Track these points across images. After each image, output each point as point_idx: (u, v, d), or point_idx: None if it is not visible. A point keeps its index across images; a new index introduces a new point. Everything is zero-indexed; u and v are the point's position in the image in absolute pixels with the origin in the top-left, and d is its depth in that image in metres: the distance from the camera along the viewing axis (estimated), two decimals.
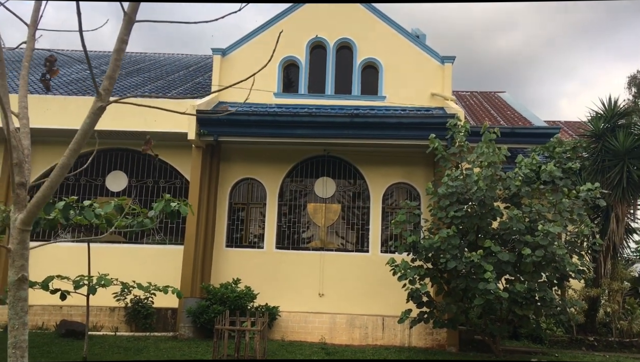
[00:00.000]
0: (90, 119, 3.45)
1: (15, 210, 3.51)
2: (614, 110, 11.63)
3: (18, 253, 3.51)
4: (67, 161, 3.50)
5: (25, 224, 3.48)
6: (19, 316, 3.44)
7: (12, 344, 3.41)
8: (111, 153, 13.21)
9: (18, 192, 3.51)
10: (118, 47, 3.38)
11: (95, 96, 3.43)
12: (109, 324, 11.28)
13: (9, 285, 3.54)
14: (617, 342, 12.07)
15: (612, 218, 11.56)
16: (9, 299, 3.53)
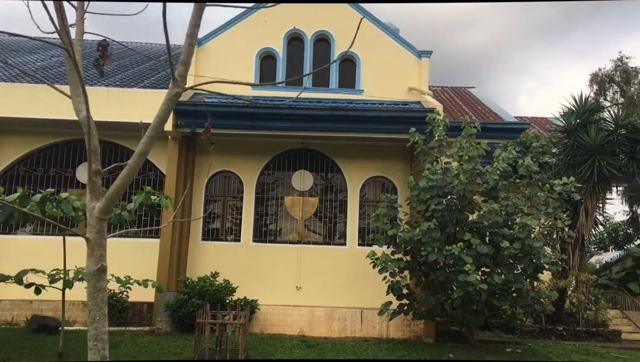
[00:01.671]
0: (166, 105, 3.34)
1: (91, 198, 3.38)
2: (585, 106, 11.97)
3: (97, 242, 3.39)
4: (145, 148, 3.40)
5: (103, 212, 3.37)
6: (99, 307, 3.32)
7: (93, 336, 3.27)
8: (82, 144, 12.80)
9: (94, 180, 3.38)
10: (191, 32, 3.28)
11: (171, 82, 3.32)
12: (82, 318, 10.98)
13: (87, 276, 3.39)
14: (584, 332, 12.52)
15: (581, 211, 11.92)
16: (89, 290, 3.38)
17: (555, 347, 10.59)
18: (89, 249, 3.40)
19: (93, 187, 3.42)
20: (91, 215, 3.41)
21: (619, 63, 29.62)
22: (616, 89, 30.03)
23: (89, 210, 3.40)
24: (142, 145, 3.36)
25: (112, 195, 3.40)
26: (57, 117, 11.80)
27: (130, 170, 3.40)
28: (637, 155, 11.49)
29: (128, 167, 3.40)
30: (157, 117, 3.35)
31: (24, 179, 12.59)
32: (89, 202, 3.43)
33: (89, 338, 3.25)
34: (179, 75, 3.30)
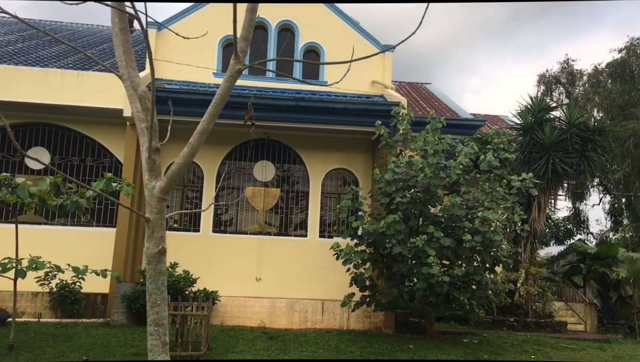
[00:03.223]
0: (228, 82, 3.20)
1: (151, 177, 3.17)
2: (541, 105, 12.40)
3: (158, 223, 3.20)
4: (207, 126, 3.24)
5: (164, 192, 3.18)
6: (160, 290, 3.13)
7: (154, 321, 3.07)
8: (32, 128, 12.18)
9: (154, 158, 3.19)
10: (252, 7, 3.14)
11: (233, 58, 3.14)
12: (31, 310, 10.48)
13: (148, 258, 3.17)
14: (534, 323, 13.03)
15: (534, 207, 12.37)
16: (149, 273, 3.17)
17: (508, 338, 10.96)
18: (149, 230, 3.21)
19: (152, 166, 3.25)
20: (151, 195, 3.23)
21: (565, 65, 30.91)
22: (562, 90, 31.38)
23: (149, 189, 3.22)
24: (204, 122, 3.24)
25: (173, 174, 3.25)
26: (5, 98, 11.20)
27: (192, 148, 3.26)
28: (588, 153, 12.03)
29: (190, 145, 3.26)
30: (218, 94, 3.23)
31: None
32: (147, 181, 3.24)
33: (149, 323, 3.08)
34: (241, 51, 3.17)
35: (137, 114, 3.55)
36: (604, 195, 27.86)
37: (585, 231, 30.55)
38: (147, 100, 3.28)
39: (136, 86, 3.45)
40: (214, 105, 3.23)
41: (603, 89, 25.98)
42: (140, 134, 3.42)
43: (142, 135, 3.44)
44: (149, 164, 3.23)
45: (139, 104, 3.57)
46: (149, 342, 3.10)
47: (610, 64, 26.36)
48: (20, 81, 11.21)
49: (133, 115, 3.57)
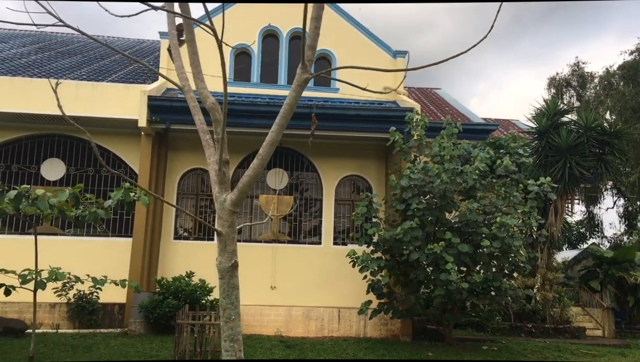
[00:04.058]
0: (295, 91, 3.19)
1: (221, 190, 3.16)
2: (556, 108, 12.31)
3: (230, 237, 3.19)
4: (276, 137, 3.24)
5: (235, 204, 3.17)
6: (234, 305, 3.11)
7: (229, 337, 3.05)
8: (48, 139, 12.27)
9: (224, 170, 3.18)
10: (316, 15, 3.15)
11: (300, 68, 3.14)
12: (49, 321, 10.50)
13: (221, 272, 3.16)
14: (552, 329, 12.88)
15: (550, 211, 12.26)
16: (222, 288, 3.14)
17: (527, 345, 10.84)
18: (220, 243, 3.20)
19: (222, 178, 3.24)
20: (222, 208, 3.21)
21: (575, 68, 30.73)
22: (572, 93, 31.20)
23: (220, 202, 3.20)
24: (273, 134, 3.23)
25: (244, 186, 3.24)
26: (21, 110, 11.29)
27: (262, 159, 3.25)
28: (605, 157, 11.92)
29: (259, 156, 3.25)
30: (286, 104, 3.22)
31: None
32: (218, 194, 3.23)
33: (224, 339, 3.05)
34: (308, 60, 3.16)
35: (200, 126, 3.55)
36: (617, 198, 27.57)
37: (600, 234, 30.22)
38: (217, 112, 3.29)
39: (205, 98, 3.46)
40: (282, 115, 3.22)
41: (615, 91, 25.77)
42: (205, 146, 3.41)
43: (207, 148, 3.44)
44: (219, 176, 3.22)
45: (201, 116, 3.58)
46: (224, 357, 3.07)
47: (622, 66, 26.18)
48: (36, 93, 11.29)
49: (197, 127, 3.57)
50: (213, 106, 3.37)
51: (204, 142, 3.49)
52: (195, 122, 3.80)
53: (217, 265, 3.20)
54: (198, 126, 3.53)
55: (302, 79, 3.17)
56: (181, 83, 3.66)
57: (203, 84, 3.51)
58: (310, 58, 3.14)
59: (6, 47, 16.83)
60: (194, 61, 3.56)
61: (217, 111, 3.33)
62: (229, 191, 3.28)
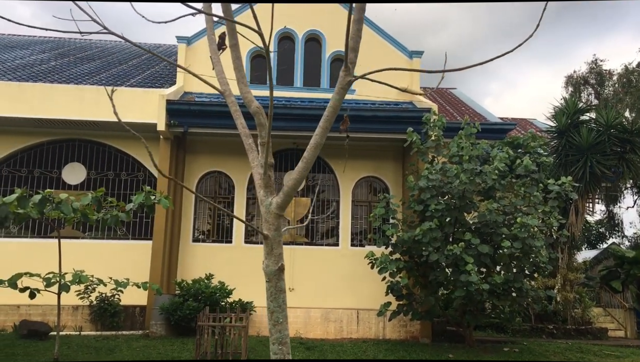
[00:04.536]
0: (339, 94, 3.22)
1: (266, 193, 3.21)
2: (576, 107, 12.17)
3: (276, 240, 3.25)
4: (320, 140, 3.28)
5: (281, 208, 3.23)
6: (281, 308, 3.16)
7: (278, 339, 3.10)
8: (68, 144, 12.45)
9: (269, 174, 3.24)
10: (358, 17, 3.18)
11: (342, 70, 3.18)
12: (72, 323, 10.65)
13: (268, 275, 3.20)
14: (574, 330, 12.72)
15: (571, 211, 12.12)
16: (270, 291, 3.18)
17: (549, 346, 10.72)
18: (267, 247, 3.23)
19: (268, 182, 3.28)
20: (268, 211, 3.25)
21: (593, 66, 30.36)
22: (590, 91, 30.81)
23: (265, 206, 3.24)
24: (317, 137, 3.26)
25: (290, 190, 3.27)
26: (43, 116, 11.46)
27: (307, 162, 3.28)
28: (626, 155, 11.75)
29: (304, 160, 3.29)
30: (330, 107, 3.24)
31: (7, 180, 12.15)
32: (263, 198, 3.27)
33: (272, 341, 3.09)
34: (351, 63, 3.18)
35: (242, 130, 3.59)
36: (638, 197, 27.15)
37: (620, 234, 29.78)
38: (262, 116, 3.33)
39: (249, 102, 3.49)
40: (326, 118, 3.24)
41: (635, 88, 25.40)
42: (248, 150, 3.45)
43: (250, 151, 3.48)
44: (264, 180, 3.25)
45: (243, 120, 3.62)
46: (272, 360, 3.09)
47: None
48: (57, 98, 11.47)
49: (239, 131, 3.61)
50: (258, 110, 3.41)
51: (246, 146, 3.52)
52: (237, 126, 3.83)
53: (264, 268, 3.23)
54: (240, 130, 3.56)
55: (345, 82, 3.19)
56: (222, 88, 3.71)
57: (246, 88, 3.55)
58: (353, 61, 3.15)
59: (26, 53, 17.12)
60: (237, 66, 3.60)
61: (262, 115, 3.37)
62: (274, 194, 3.29)
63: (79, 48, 19.06)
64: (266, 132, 3.30)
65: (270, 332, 3.13)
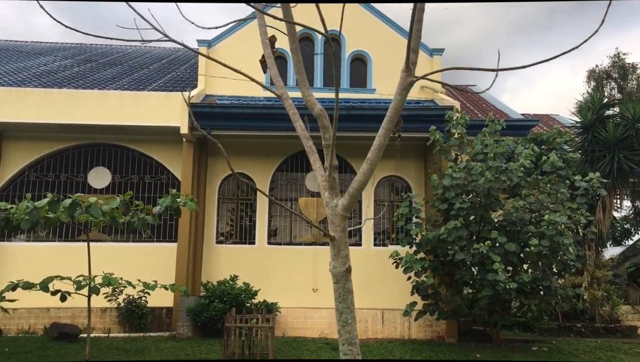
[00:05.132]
0: (401, 95, 3.26)
1: (331, 195, 3.27)
2: (601, 101, 11.96)
3: (343, 241, 3.30)
4: (383, 141, 3.33)
5: (347, 210, 3.27)
6: (349, 309, 3.21)
7: (347, 340, 3.14)
8: (93, 148, 12.63)
9: (334, 176, 3.30)
10: (418, 17, 3.18)
11: (403, 71, 3.21)
12: (101, 325, 10.80)
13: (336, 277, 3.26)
14: (603, 328, 12.49)
15: (598, 208, 11.92)
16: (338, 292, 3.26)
17: (579, 345, 10.55)
18: (334, 248, 3.27)
19: (333, 184, 3.33)
20: (334, 213, 3.29)
21: (615, 59, 29.85)
22: (613, 85, 30.29)
23: (331, 208, 3.28)
24: (381, 138, 3.29)
25: (355, 191, 3.31)
26: (68, 121, 11.63)
27: (371, 164, 3.31)
28: None
29: (368, 161, 3.32)
30: (392, 108, 3.27)
31: (34, 185, 12.37)
32: (329, 200, 3.30)
33: (341, 342, 3.12)
34: (412, 64, 3.19)
35: (302, 132, 3.62)
36: None
37: None
38: (325, 118, 3.37)
39: (312, 105, 3.52)
40: (389, 119, 3.26)
41: None
42: (308, 153, 3.48)
43: (310, 154, 3.51)
44: (329, 182, 3.28)
45: (301, 122, 3.65)
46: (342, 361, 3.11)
47: None
48: (82, 104, 11.64)
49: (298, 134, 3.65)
50: (321, 113, 3.44)
51: (307, 148, 3.55)
52: (296, 129, 3.86)
53: (331, 270, 3.25)
54: (299, 133, 3.59)
55: (407, 82, 3.19)
56: (279, 92, 3.75)
57: (309, 91, 3.58)
58: (414, 61, 3.15)
59: (50, 60, 17.42)
60: (299, 69, 3.64)
61: (325, 118, 3.40)
62: (339, 196, 3.31)
63: (101, 54, 19.34)
64: (329, 135, 3.33)
65: (339, 333, 3.15)
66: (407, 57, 3.10)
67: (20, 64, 16.25)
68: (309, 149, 3.64)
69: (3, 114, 11.52)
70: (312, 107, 3.49)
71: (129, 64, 17.52)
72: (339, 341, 3.14)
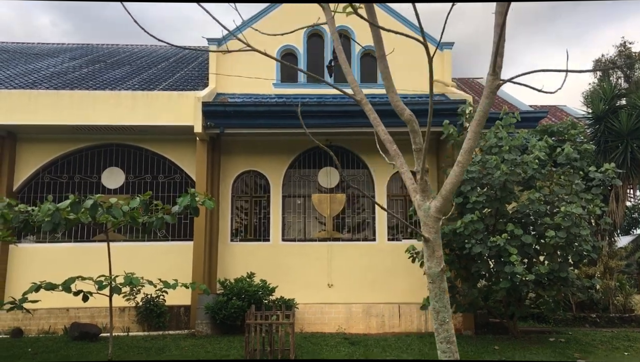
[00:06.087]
0: (488, 98, 3.31)
1: (423, 198, 3.34)
2: (613, 91, 11.94)
3: (437, 243, 3.37)
4: (473, 144, 3.39)
5: (440, 211, 3.34)
6: (446, 308, 3.30)
7: (445, 339, 3.23)
8: (107, 149, 12.70)
9: (425, 179, 3.38)
10: (500, 22, 3.22)
11: (490, 75, 3.25)
12: (120, 324, 10.89)
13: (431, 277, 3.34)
14: (617, 318, 12.52)
15: (612, 198, 11.92)
16: (434, 292, 3.35)
17: (595, 335, 10.59)
18: (428, 250, 3.35)
19: (424, 186, 3.40)
20: (427, 215, 3.37)
21: (622, 49, 29.73)
22: (619, 75, 30.16)
23: (424, 210, 3.36)
24: (470, 141, 3.35)
25: (447, 193, 3.39)
26: (81, 123, 11.70)
27: (462, 166, 3.39)
28: None
29: (459, 164, 3.40)
30: (480, 111, 3.32)
31: (49, 186, 12.46)
32: (420, 202, 3.36)
33: (440, 341, 3.21)
34: (498, 67, 3.24)
35: (385, 136, 3.67)
36: None
37: None
38: (415, 123, 3.44)
39: (402, 110, 3.56)
40: (478, 122, 3.31)
41: None
42: (394, 156, 3.56)
43: (396, 158, 3.58)
44: (420, 185, 3.36)
45: (383, 126, 3.70)
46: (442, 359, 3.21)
47: None
48: (94, 105, 11.69)
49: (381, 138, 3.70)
50: (410, 118, 3.50)
51: (392, 152, 3.61)
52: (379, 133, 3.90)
53: (427, 270, 3.34)
54: (383, 137, 3.64)
55: (494, 86, 3.23)
56: (358, 97, 3.80)
57: (397, 96, 3.63)
58: (500, 65, 3.19)
59: (58, 61, 17.47)
60: (386, 75, 3.69)
61: (415, 122, 3.47)
62: (430, 199, 3.37)
63: (107, 54, 19.39)
64: (419, 139, 3.39)
65: (436, 331, 3.24)
66: (493, 61, 3.14)
67: (29, 66, 16.31)
68: (393, 152, 3.69)
69: (17, 116, 11.60)
70: (401, 112, 3.55)
71: (137, 64, 17.56)
72: (436, 339, 3.21)
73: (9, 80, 13.98)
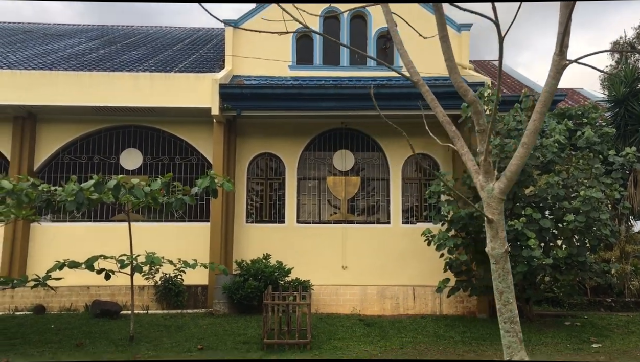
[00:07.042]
0: (555, 79, 3.36)
1: (486, 179, 3.42)
2: (634, 74, 11.77)
3: (500, 224, 3.45)
4: (539, 125, 3.45)
5: (503, 193, 3.42)
6: (510, 288, 3.38)
7: (509, 319, 3.32)
8: (125, 130, 12.80)
9: (489, 160, 3.44)
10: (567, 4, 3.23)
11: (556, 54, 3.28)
12: (139, 302, 11.08)
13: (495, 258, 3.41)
14: (633, 303, 12.49)
15: (630, 182, 11.82)
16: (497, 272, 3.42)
17: (611, 319, 10.59)
18: (492, 231, 3.42)
19: (488, 168, 3.46)
20: (491, 196, 3.44)
21: None
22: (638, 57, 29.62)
23: (487, 191, 3.43)
24: (536, 122, 3.41)
25: (512, 174, 3.45)
26: (101, 104, 11.79)
27: (527, 147, 3.44)
28: None
29: (524, 145, 3.45)
30: (546, 92, 3.35)
31: (68, 166, 12.62)
32: (484, 183, 3.42)
33: (503, 321, 3.29)
34: (565, 47, 3.25)
35: (443, 118, 3.71)
36: None
37: None
38: (479, 104, 3.49)
39: (465, 92, 3.59)
40: (543, 103, 3.34)
41: None
42: (453, 138, 3.62)
43: (455, 139, 3.64)
44: (484, 166, 3.41)
45: (441, 108, 3.74)
46: (505, 340, 3.27)
47: None
48: (113, 86, 11.77)
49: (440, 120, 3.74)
50: (474, 99, 3.53)
51: (450, 133, 3.65)
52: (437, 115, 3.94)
53: (490, 251, 3.39)
54: (441, 119, 3.68)
55: (561, 66, 3.23)
56: (414, 78, 3.84)
57: (460, 78, 3.68)
58: (567, 44, 3.18)
59: (75, 42, 17.56)
60: (449, 56, 3.72)
61: (479, 104, 3.51)
62: (493, 180, 3.41)
63: (123, 35, 19.43)
64: (483, 120, 3.42)
65: (499, 311, 3.30)
66: (560, 41, 3.14)
67: (46, 47, 16.42)
68: (453, 134, 3.73)
69: (37, 97, 11.71)
70: (464, 95, 3.58)
71: (152, 45, 17.59)
72: (499, 319, 3.26)
73: (28, 61, 14.10)
